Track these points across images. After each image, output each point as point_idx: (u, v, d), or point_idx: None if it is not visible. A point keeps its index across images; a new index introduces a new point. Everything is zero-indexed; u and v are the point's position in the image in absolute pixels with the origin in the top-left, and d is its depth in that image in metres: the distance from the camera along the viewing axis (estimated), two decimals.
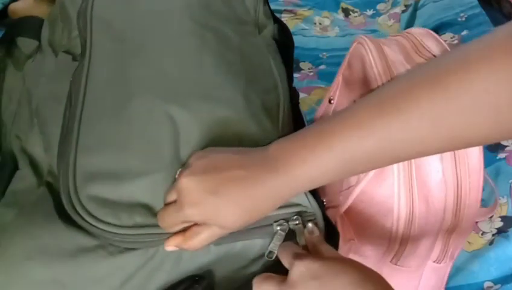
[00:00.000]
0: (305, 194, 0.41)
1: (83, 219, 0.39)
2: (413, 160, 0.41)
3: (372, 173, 0.43)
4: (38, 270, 0.39)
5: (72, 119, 0.43)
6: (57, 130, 0.44)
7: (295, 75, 0.85)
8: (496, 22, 0.89)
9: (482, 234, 0.65)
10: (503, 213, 0.67)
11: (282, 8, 0.96)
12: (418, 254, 0.45)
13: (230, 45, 0.49)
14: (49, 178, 0.44)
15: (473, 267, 0.62)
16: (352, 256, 0.48)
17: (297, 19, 0.94)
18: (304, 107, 0.58)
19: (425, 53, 0.46)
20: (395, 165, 0.41)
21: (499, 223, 0.66)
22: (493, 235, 0.65)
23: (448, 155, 0.41)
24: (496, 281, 0.61)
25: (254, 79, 0.48)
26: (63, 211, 0.40)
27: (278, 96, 0.49)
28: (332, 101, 0.55)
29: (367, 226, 0.46)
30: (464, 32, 0.87)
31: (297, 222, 0.41)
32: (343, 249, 0.48)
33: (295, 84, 0.83)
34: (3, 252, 0.39)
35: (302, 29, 0.93)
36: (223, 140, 0.41)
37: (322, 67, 0.88)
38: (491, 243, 0.64)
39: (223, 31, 0.50)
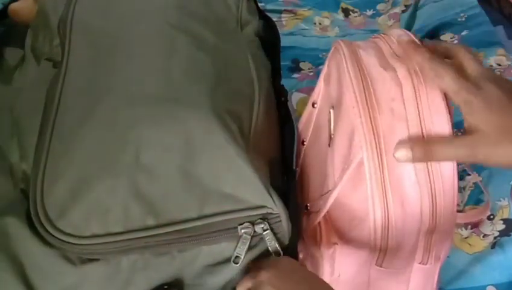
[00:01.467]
0: (271, 195, 0.41)
1: (45, 229, 0.39)
2: (385, 163, 0.40)
3: (345, 177, 0.42)
4: (11, 281, 0.40)
5: (45, 127, 0.44)
6: (33, 138, 0.45)
7: (295, 75, 0.85)
8: (496, 22, 0.88)
9: (483, 237, 0.65)
10: (505, 216, 0.66)
11: (282, 8, 0.95)
12: (400, 255, 0.45)
13: (203, 46, 0.49)
14: (22, 185, 0.44)
15: (475, 271, 0.62)
16: (338, 260, 0.48)
17: (297, 19, 0.94)
18: (303, 107, 0.58)
19: (401, 55, 0.45)
20: (367, 170, 0.41)
21: (501, 226, 0.66)
22: (495, 237, 0.64)
23: None
24: (499, 286, 0.61)
25: (226, 78, 0.47)
26: (31, 221, 0.40)
27: (252, 93, 0.49)
28: (315, 105, 0.55)
29: (348, 230, 0.46)
30: (464, 32, 0.86)
31: (262, 226, 0.41)
32: (328, 253, 0.47)
33: (295, 84, 0.84)
34: None
35: (302, 29, 0.92)
36: (186, 142, 0.41)
37: (322, 67, 0.87)
38: (493, 246, 0.64)
39: (197, 31, 0.50)
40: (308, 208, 0.50)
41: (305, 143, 0.57)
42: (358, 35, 0.92)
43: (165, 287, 0.42)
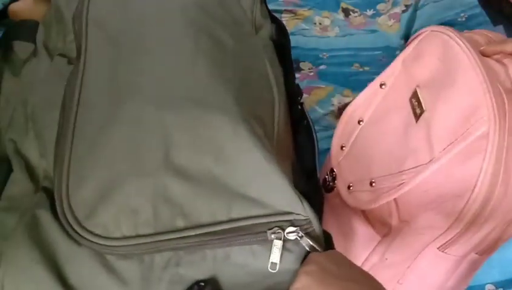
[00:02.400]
0: (301, 200, 0.41)
1: (74, 229, 0.38)
2: (506, 142, 0.41)
3: (455, 149, 0.42)
4: (45, 275, 0.38)
5: (66, 124, 0.43)
6: (52, 134, 0.44)
7: (295, 75, 0.85)
8: (496, 22, 0.88)
9: None
10: None
11: (282, 8, 0.95)
12: (471, 242, 0.45)
13: (224, 48, 0.49)
14: (45, 183, 0.43)
15: None
16: (397, 241, 0.48)
17: (297, 19, 0.94)
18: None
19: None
20: (490, 144, 0.41)
21: None
22: None
23: None
24: (498, 285, 0.61)
25: (247, 82, 0.47)
26: (58, 219, 0.39)
27: (272, 98, 0.49)
28: (383, 86, 0.56)
29: (429, 208, 0.45)
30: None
31: (292, 230, 0.40)
32: (396, 230, 0.48)
33: None
34: (12, 259, 0.39)
35: (302, 29, 0.93)
36: (214, 146, 0.41)
37: (322, 67, 0.88)
38: None
39: (218, 33, 0.50)
40: (373, 185, 0.50)
41: (361, 123, 0.57)
42: (359, 35, 0.92)
43: (201, 283, 0.41)
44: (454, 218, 0.43)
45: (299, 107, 0.55)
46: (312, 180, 0.50)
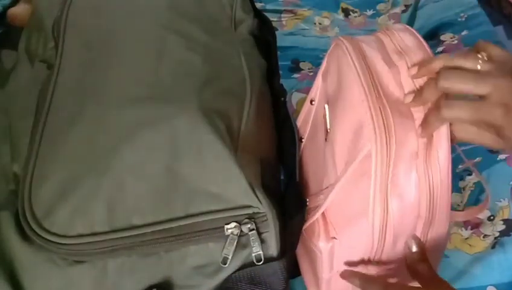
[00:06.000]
0: (256, 194, 0.41)
1: (31, 228, 0.39)
2: (393, 157, 0.40)
3: (350, 170, 0.42)
4: (2, 285, 0.40)
5: (36, 128, 0.44)
6: (25, 141, 0.45)
7: (295, 75, 0.85)
8: (496, 22, 0.88)
9: (483, 237, 0.65)
10: (506, 216, 0.66)
11: (282, 8, 0.95)
12: (398, 250, 0.45)
13: (193, 46, 0.49)
14: (12, 186, 0.44)
15: (475, 271, 0.62)
16: (336, 255, 0.48)
17: (297, 19, 0.94)
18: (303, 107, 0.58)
19: (404, 48, 0.46)
20: (373, 163, 0.40)
21: (501, 227, 0.65)
22: (496, 238, 0.64)
23: (421, 152, 0.41)
24: (499, 286, 0.61)
25: (216, 77, 0.48)
26: (19, 223, 0.40)
27: (244, 92, 0.49)
28: (313, 103, 0.55)
29: (347, 225, 0.46)
30: (464, 32, 0.86)
31: (249, 226, 0.41)
32: (326, 249, 0.47)
33: (295, 84, 0.83)
34: None
35: (302, 29, 0.92)
36: (172, 141, 0.41)
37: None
38: (493, 246, 0.64)
39: (188, 31, 0.50)
40: (307, 203, 0.50)
41: (303, 140, 0.57)
42: (359, 35, 0.92)
43: (153, 289, 0.41)
44: (366, 235, 0.43)
45: (283, 107, 0.55)
46: (291, 181, 0.50)
